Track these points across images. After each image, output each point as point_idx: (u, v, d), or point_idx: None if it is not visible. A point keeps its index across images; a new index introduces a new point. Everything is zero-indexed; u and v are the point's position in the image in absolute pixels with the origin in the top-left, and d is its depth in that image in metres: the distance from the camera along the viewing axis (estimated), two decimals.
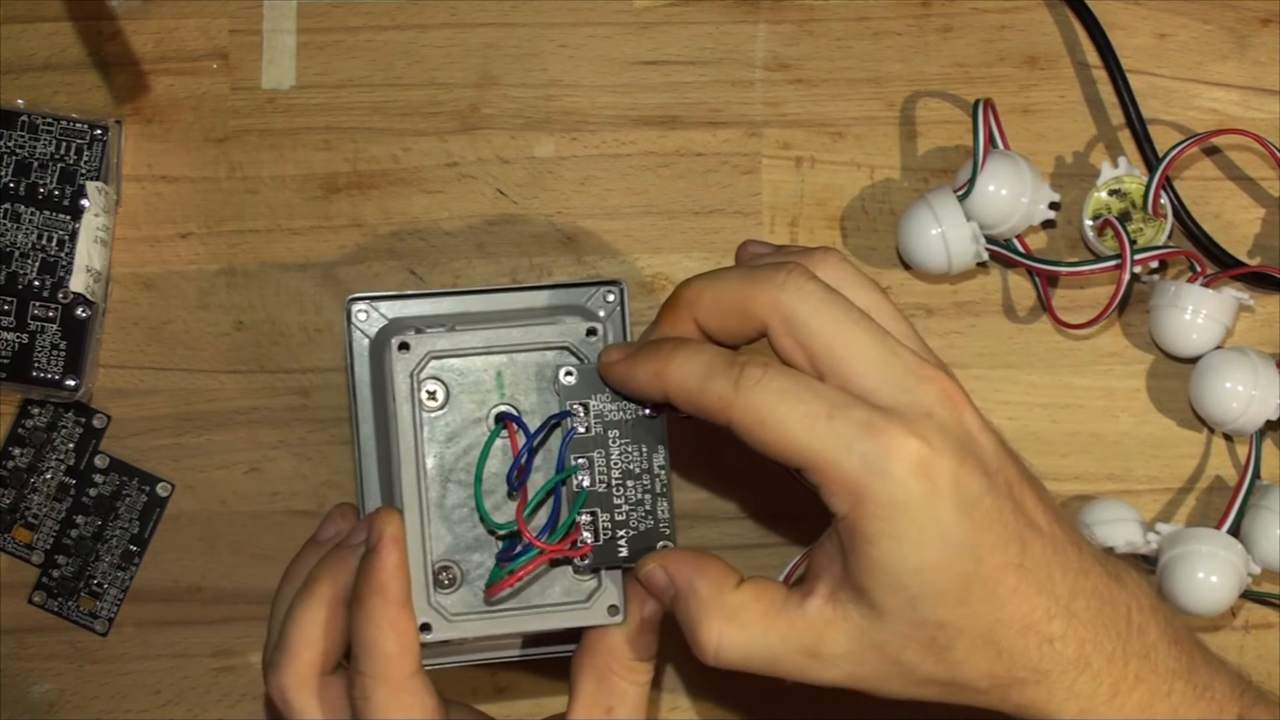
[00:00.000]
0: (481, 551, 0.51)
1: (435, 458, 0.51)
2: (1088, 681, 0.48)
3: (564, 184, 0.64)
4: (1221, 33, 0.65)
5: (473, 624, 0.51)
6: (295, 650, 0.50)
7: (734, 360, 0.47)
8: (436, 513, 0.51)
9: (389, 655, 0.49)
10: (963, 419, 0.48)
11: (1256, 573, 0.61)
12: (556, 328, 0.52)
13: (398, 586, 0.49)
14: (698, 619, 0.49)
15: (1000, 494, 0.47)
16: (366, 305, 0.54)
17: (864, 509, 0.46)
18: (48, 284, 0.60)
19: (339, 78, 0.64)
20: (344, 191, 0.64)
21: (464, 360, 0.52)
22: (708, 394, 0.47)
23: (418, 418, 0.51)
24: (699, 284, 0.50)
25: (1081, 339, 0.64)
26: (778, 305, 0.48)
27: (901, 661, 0.47)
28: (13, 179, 0.61)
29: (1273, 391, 0.62)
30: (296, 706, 0.51)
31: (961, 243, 0.61)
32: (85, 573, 0.62)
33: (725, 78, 0.64)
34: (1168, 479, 0.64)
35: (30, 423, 0.63)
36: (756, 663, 0.48)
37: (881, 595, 0.47)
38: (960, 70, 0.65)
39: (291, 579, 0.53)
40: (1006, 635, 0.47)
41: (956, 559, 0.46)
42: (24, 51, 0.63)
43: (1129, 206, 0.64)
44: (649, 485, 0.51)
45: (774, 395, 0.46)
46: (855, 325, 0.47)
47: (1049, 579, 0.48)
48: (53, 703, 0.62)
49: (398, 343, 0.51)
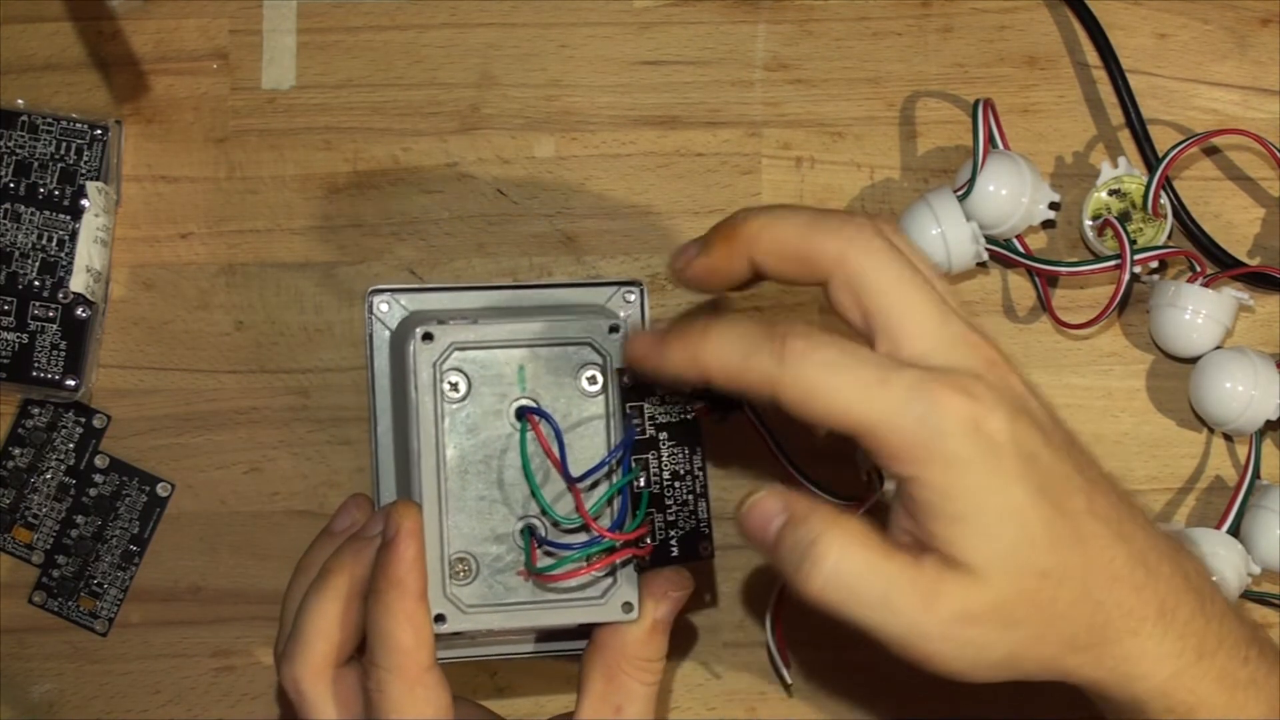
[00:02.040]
0: (499, 544, 0.52)
1: (456, 449, 0.51)
2: (1174, 640, 0.47)
3: (564, 184, 0.64)
4: (1221, 33, 0.65)
5: (488, 616, 0.51)
6: (310, 641, 0.50)
7: (773, 333, 0.46)
8: (455, 504, 0.51)
9: (406, 649, 0.49)
10: (1011, 382, 0.48)
11: (1256, 573, 0.61)
12: (580, 323, 0.52)
13: (415, 580, 0.49)
14: (816, 534, 0.46)
15: (1057, 449, 0.47)
16: (388, 297, 0.54)
17: (930, 468, 0.45)
18: (48, 284, 0.60)
19: (339, 78, 0.64)
20: (344, 191, 0.64)
21: (487, 353, 0.52)
22: (751, 371, 0.46)
23: (439, 408, 0.51)
24: (762, 219, 0.48)
25: (1081, 339, 0.64)
26: (844, 259, 0.47)
27: (1013, 620, 0.46)
28: (13, 179, 0.61)
29: (1273, 391, 0.62)
30: (310, 698, 0.50)
31: (961, 243, 0.61)
32: (85, 573, 0.62)
33: (725, 78, 0.64)
34: (1168, 479, 0.64)
35: (30, 423, 0.63)
36: (867, 595, 0.46)
37: (976, 550, 0.46)
38: (960, 70, 0.65)
39: (305, 570, 0.53)
40: (1099, 584, 0.47)
41: (1034, 504, 0.46)
42: (24, 51, 0.63)
43: (1129, 206, 0.64)
44: (691, 486, 0.52)
45: (822, 367, 0.46)
46: (918, 290, 0.47)
47: (1121, 529, 0.48)
48: (53, 703, 0.62)
49: (422, 333, 0.51)
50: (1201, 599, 0.48)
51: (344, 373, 0.63)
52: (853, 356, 0.46)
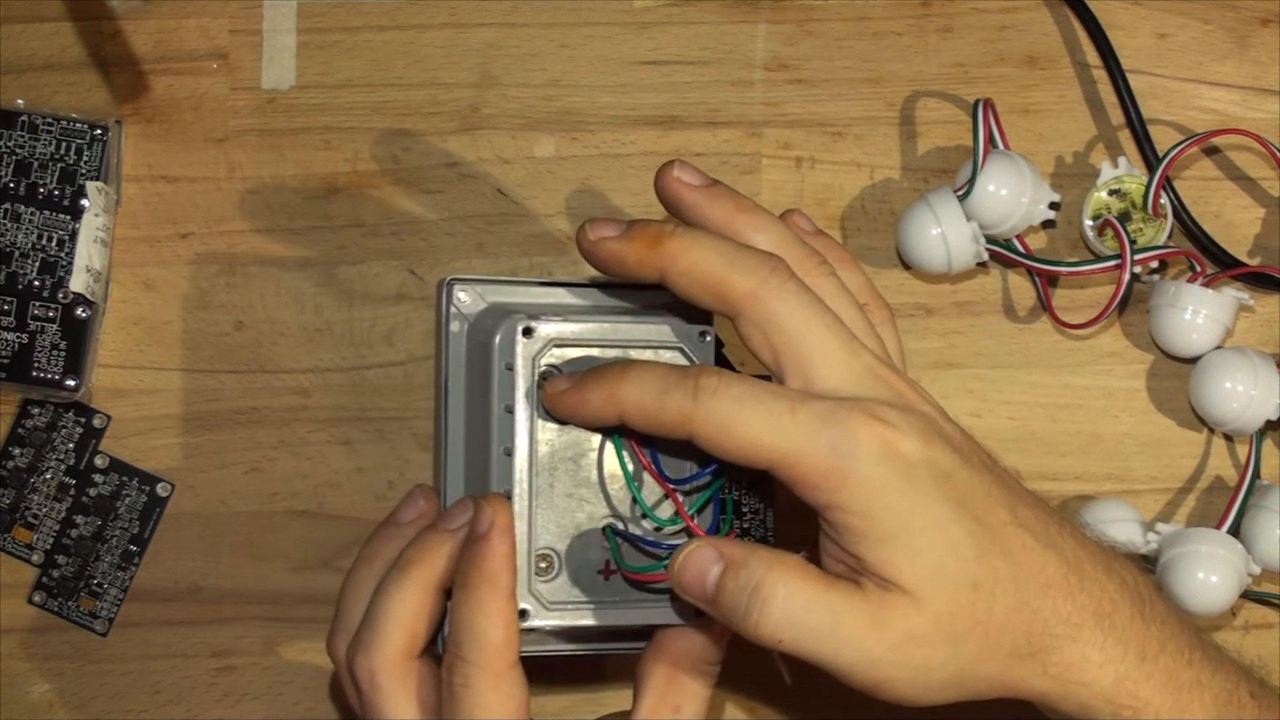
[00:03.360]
0: (582, 541, 0.52)
1: (547, 445, 0.51)
2: (1115, 645, 0.48)
3: (564, 184, 0.64)
4: (1221, 33, 0.65)
5: (569, 613, 0.51)
6: (389, 632, 0.50)
7: (687, 373, 0.48)
8: (544, 500, 0.51)
9: (495, 644, 0.48)
10: (923, 409, 0.48)
11: (1256, 573, 0.61)
12: (674, 327, 0.52)
13: (507, 576, 0.49)
14: (758, 577, 0.47)
15: (975, 467, 0.48)
16: (467, 287, 0.54)
17: (845, 493, 0.46)
18: (48, 284, 0.60)
19: (339, 78, 0.64)
20: (344, 191, 0.64)
21: (582, 351, 0.52)
22: (666, 410, 0.48)
23: (536, 404, 0.51)
24: (685, 241, 0.49)
25: (1081, 339, 0.64)
26: (756, 297, 0.48)
27: (956, 635, 0.47)
28: (13, 179, 0.61)
29: (1273, 391, 0.62)
30: (386, 689, 0.50)
31: (961, 243, 0.61)
32: (85, 573, 0.62)
33: (725, 78, 0.64)
34: (1168, 479, 0.64)
35: (30, 423, 0.63)
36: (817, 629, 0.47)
37: (904, 568, 0.46)
38: (960, 70, 0.65)
39: (369, 560, 0.53)
40: (1033, 591, 0.47)
41: (955, 518, 0.47)
42: (24, 51, 0.63)
43: (1129, 206, 0.64)
44: (763, 495, 0.54)
45: (733, 400, 0.47)
46: (827, 329, 0.48)
47: (1050, 538, 0.48)
48: (53, 703, 0.62)
49: (523, 327, 0.51)
50: (1140, 602, 0.49)
51: (344, 373, 0.63)
52: (763, 390, 0.47)
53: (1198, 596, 0.60)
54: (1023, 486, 0.50)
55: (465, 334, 0.53)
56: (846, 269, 0.52)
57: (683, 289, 0.49)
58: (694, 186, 0.51)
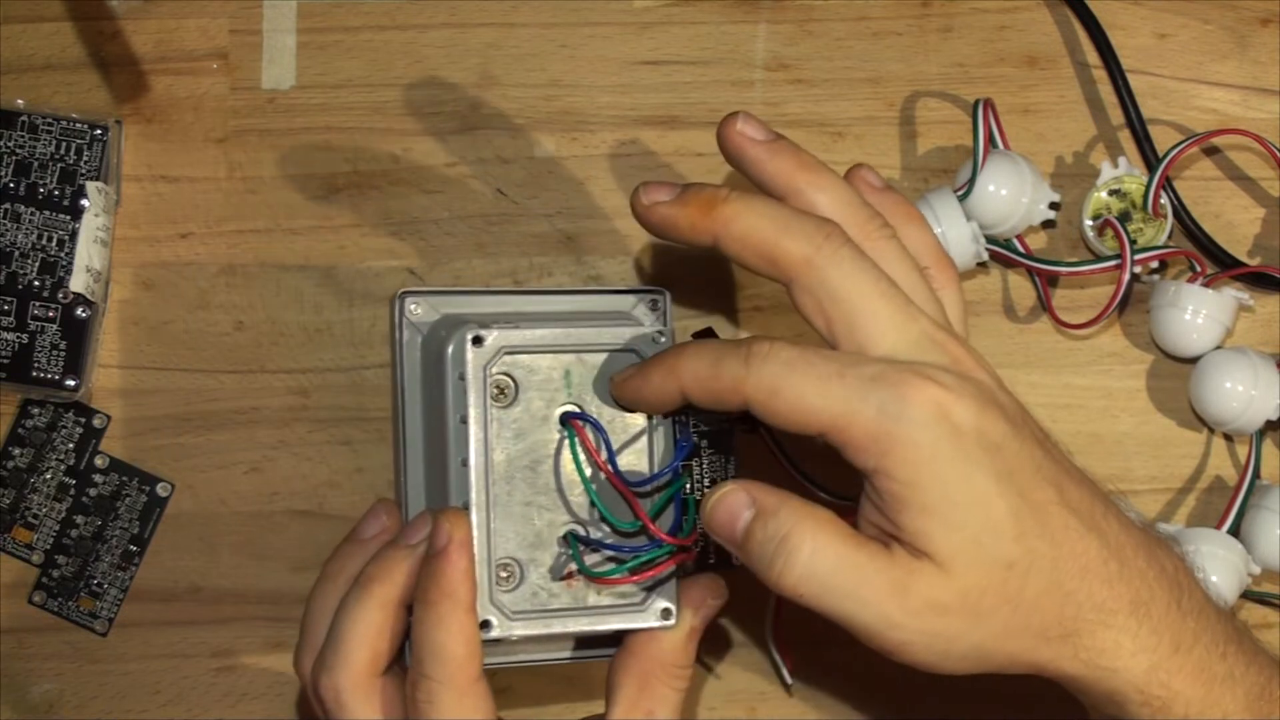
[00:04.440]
0: (542, 550, 0.51)
1: (503, 454, 0.51)
2: (1150, 634, 0.47)
3: (564, 184, 0.64)
4: (1221, 33, 0.65)
5: (533, 622, 0.51)
6: (351, 651, 0.50)
7: (740, 343, 0.48)
8: (501, 509, 0.51)
9: (458, 659, 0.48)
10: (979, 376, 0.48)
11: (1256, 573, 0.61)
12: (627, 330, 0.52)
13: (467, 591, 0.48)
14: (788, 528, 0.47)
15: (1026, 440, 0.47)
16: (419, 299, 0.53)
17: (893, 458, 0.46)
18: (48, 284, 0.60)
19: (339, 78, 0.64)
20: (344, 191, 0.64)
21: (534, 357, 0.51)
22: (720, 378, 0.47)
23: (489, 413, 0.51)
24: (739, 206, 0.49)
25: (1081, 339, 0.64)
26: (810, 263, 0.48)
27: (981, 610, 0.46)
28: (13, 179, 0.61)
29: (1273, 391, 0.62)
30: (351, 707, 0.50)
31: (961, 243, 0.61)
32: (85, 573, 0.62)
33: (725, 78, 0.64)
34: (1168, 479, 0.64)
35: (30, 423, 0.63)
36: (840, 588, 0.46)
37: (941, 540, 0.46)
38: (960, 70, 0.65)
39: (333, 576, 0.52)
40: (1069, 575, 0.47)
41: (1000, 492, 0.46)
42: (24, 51, 0.63)
43: (1129, 206, 0.64)
44: (721, 449, 0.53)
45: (783, 364, 0.47)
46: (881, 295, 0.48)
47: (1094, 521, 0.48)
48: (53, 703, 0.62)
49: (472, 336, 0.50)
50: (1179, 592, 0.48)
51: (344, 373, 0.63)
52: (815, 354, 0.47)
53: None
54: (1072, 464, 0.49)
55: (419, 346, 0.53)
56: (911, 228, 0.52)
57: (736, 254, 0.49)
58: (757, 141, 0.51)
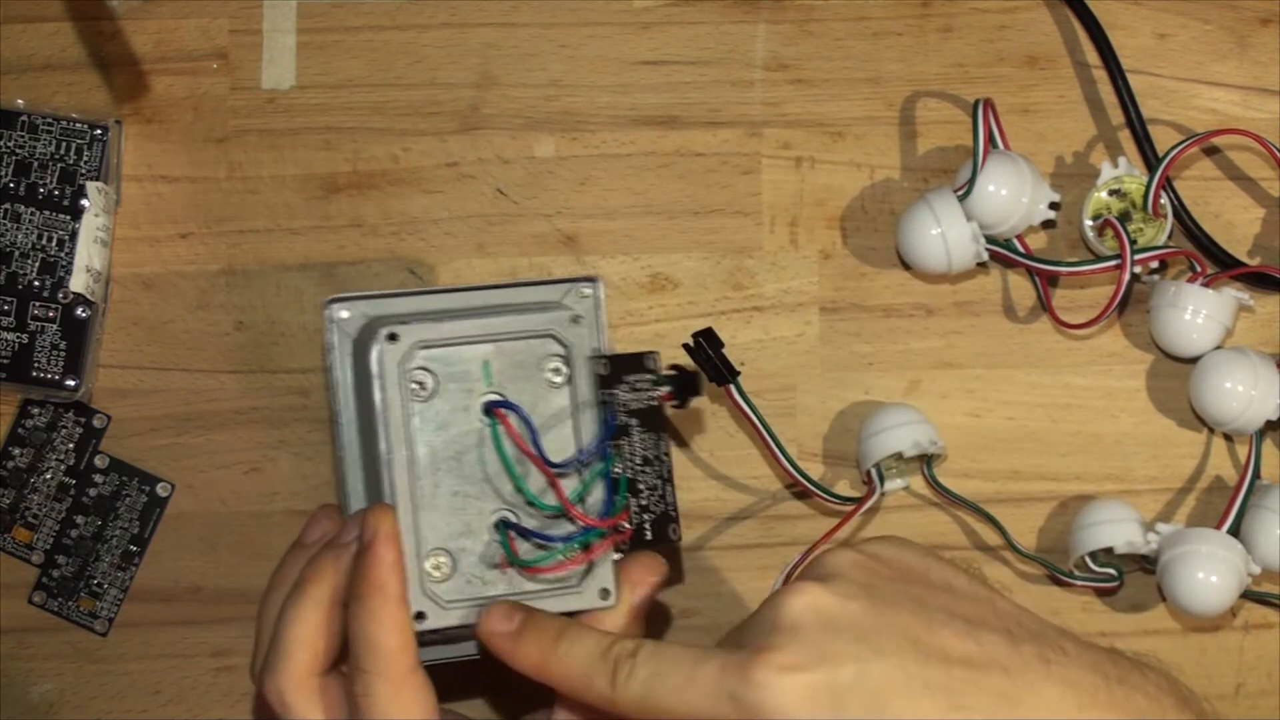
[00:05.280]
0: (474, 538, 0.52)
1: (426, 447, 0.52)
2: None
3: (564, 184, 0.64)
4: (1221, 33, 0.65)
5: (467, 611, 0.51)
6: (291, 651, 0.50)
7: (608, 653, 0.48)
8: (429, 502, 0.51)
9: (390, 652, 0.49)
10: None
11: (1256, 573, 0.61)
12: (541, 316, 0.53)
13: (396, 583, 0.49)
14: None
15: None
16: (346, 305, 0.54)
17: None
18: (48, 284, 0.60)
19: (339, 78, 0.64)
20: (344, 191, 0.64)
21: (451, 350, 0.52)
22: (591, 693, 0.49)
23: (408, 408, 0.51)
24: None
25: (1081, 339, 0.64)
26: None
27: None
28: (13, 179, 0.61)
29: (1273, 391, 0.62)
30: (295, 708, 0.50)
31: (961, 243, 0.61)
32: (85, 573, 0.62)
33: (725, 78, 0.64)
34: (1168, 479, 0.64)
35: (30, 423, 0.63)
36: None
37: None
38: (960, 70, 0.65)
39: (279, 584, 0.53)
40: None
41: None
42: (24, 51, 0.63)
43: (1129, 206, 0.64)
44: (659, 471, 0.53)
45: (643, 685, 0.47)
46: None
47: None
48: (53, 703, 0.62)
49: (387, 333, 0.51)
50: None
51: None
52: (670, 664, 0.47)
53: (1198, 596, 0.60)
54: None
55: (350, 351, 0.54)
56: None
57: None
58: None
